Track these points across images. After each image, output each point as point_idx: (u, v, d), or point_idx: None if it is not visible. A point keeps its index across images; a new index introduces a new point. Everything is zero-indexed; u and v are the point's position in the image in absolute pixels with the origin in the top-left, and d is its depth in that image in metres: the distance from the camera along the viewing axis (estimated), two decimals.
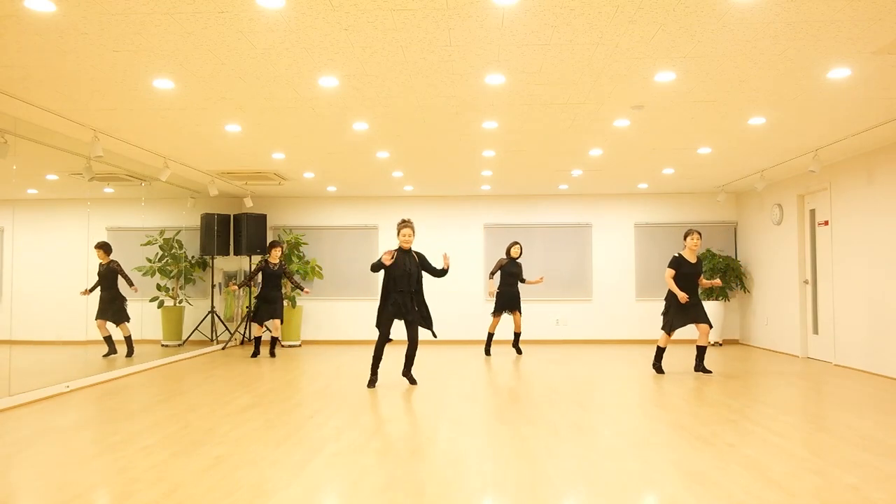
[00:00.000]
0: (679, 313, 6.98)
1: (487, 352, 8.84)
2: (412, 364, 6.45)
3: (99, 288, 7.27)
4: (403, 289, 6.20)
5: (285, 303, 10.19)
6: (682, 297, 6.82)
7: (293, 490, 3.26)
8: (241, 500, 3.11)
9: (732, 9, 3.55)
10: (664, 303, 7.17)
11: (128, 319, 7.62)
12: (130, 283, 7.51)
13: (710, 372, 7.02)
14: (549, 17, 3.66)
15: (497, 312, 8.74)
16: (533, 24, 3.77)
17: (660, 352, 7.17)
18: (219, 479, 3.43)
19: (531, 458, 3.80)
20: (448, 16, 3.65)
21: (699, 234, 6.98)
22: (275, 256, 8.60)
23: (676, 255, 7.04)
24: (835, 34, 3.89)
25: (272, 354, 8.76)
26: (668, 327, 7.04)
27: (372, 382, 6.27)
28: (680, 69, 4.52)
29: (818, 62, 4.37)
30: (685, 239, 7.03)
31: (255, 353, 8.66)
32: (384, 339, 6.22)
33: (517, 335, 8.96)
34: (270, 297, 8.58)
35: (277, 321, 8.63)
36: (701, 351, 7.08)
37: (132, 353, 7.67)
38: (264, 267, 8.54)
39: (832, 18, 3.66)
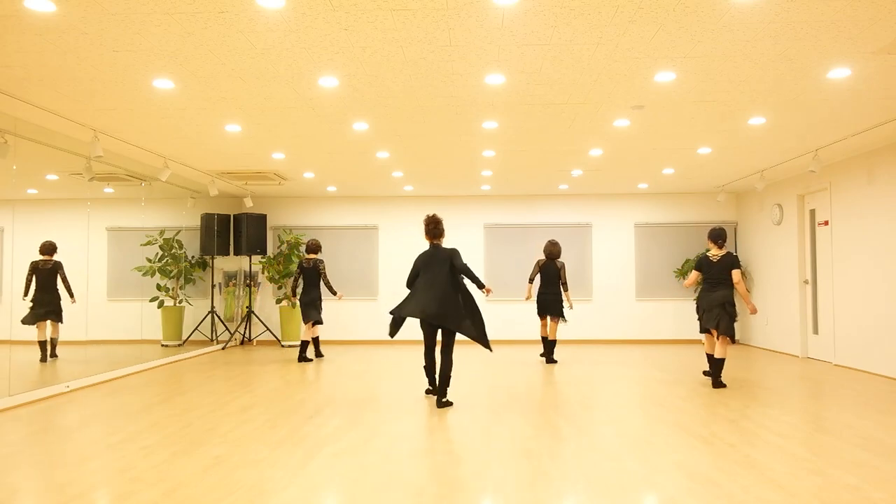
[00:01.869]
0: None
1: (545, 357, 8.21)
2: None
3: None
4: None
5: (285, 303, 10.22)
6: (752, 307, 6.17)
7: (293, 490, 3.26)
8: (241, 500, 3.11)
9: (732, 9, 3.55)
10: (732, 309, 6.23)
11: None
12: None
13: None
14: (549, 17, 3.66)
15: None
16: (533, 24, 3.76)
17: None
18: (219, 479, 3.43)
19: (531, 458, 3.80)
20: (448, 16, 3.65)
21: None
22: None
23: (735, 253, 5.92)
24: (835, 34, 3.89)
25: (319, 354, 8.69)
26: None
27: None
28: (680, 69, 4.52)
29: (818, 62, 4.37)
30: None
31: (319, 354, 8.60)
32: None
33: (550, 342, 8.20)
34: None
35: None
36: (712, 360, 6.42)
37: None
38: None
39: (832, 18, 3.66)
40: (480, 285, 5.37)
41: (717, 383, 6.20)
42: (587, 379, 6.78)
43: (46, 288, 6.72)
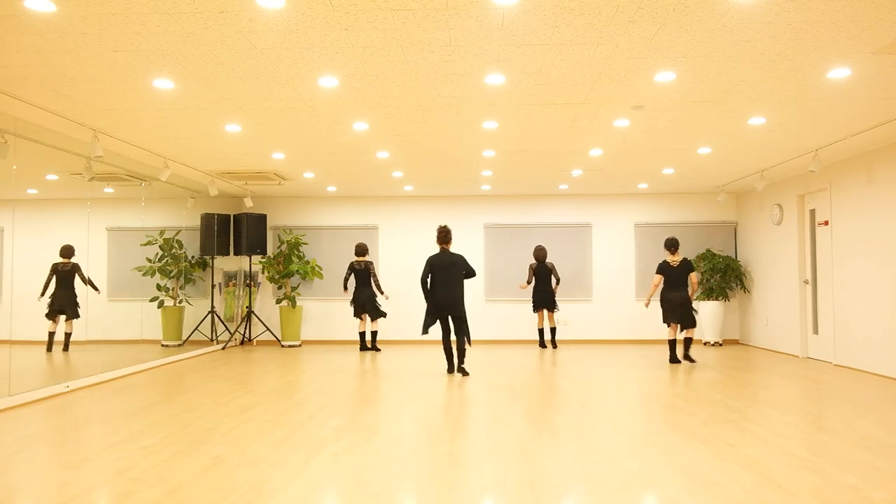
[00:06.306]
0: None
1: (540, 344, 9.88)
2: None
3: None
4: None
5: (285, 303, 10.23)
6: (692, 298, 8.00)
7: (293, 490, 3.26)
8: (241, 500, 3.11)
9: (732, 9, 3.55)
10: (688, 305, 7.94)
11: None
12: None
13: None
14: (549, 17, 3.66)
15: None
16: (533, 24, 3.77)
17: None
18: (219, 479, 3.43)
19: (531, 458, 3.80)
20: (448, 16, 3.65)
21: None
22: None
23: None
24: (835, 34, 3.89)
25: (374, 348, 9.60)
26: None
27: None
28: (680, 69, 4.52)
29: (818, 62, 4.38)
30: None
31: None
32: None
33: (551, 330, 9.78)
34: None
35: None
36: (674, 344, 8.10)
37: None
38: None
39: (832, 18, 3.66)
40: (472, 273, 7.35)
41: (686, 357, 7.99)
42: (587, 379, 6.79)
43: (65, 287, 7.12)
